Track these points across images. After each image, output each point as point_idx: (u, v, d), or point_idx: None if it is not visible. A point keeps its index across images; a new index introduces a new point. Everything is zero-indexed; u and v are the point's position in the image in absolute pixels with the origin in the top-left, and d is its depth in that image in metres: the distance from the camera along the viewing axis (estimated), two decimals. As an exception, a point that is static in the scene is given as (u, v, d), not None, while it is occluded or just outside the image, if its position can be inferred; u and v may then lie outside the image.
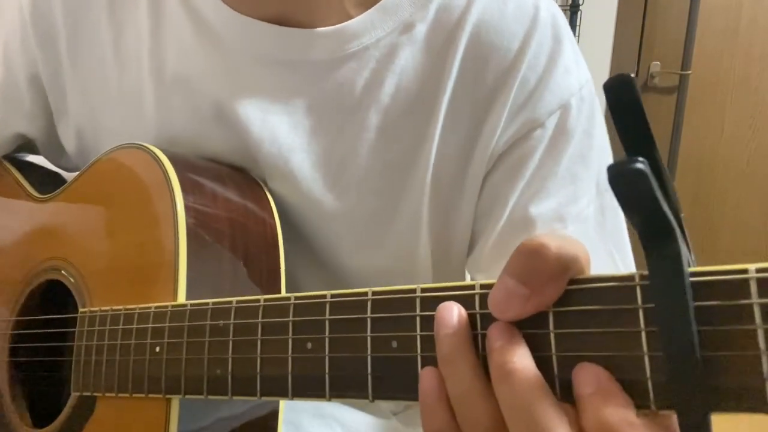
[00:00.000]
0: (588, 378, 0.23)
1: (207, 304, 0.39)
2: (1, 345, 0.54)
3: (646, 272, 0.24)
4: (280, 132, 0.48)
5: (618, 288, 0.24)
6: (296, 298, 0.34)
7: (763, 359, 0.21)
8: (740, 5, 2.17)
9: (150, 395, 0.41)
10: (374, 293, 0.31)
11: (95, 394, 0.44)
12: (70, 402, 0.47)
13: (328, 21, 0.47)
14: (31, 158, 0.65)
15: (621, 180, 0.20)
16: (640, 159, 0.19)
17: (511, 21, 0.47)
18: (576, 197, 0.47)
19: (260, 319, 0.35)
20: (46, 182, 0.60)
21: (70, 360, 0.51)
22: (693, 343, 0.22)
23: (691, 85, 2.22)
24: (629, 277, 0.24)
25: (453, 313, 0.27)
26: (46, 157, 0.62)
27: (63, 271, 0.50)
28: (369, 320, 0.31)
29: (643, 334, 0.24)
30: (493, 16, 0.47)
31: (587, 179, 0.47)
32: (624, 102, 0.21)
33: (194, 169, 0.48)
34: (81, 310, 0.47)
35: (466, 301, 0.28)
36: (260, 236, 0.48)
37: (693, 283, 0.22)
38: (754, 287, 0.21)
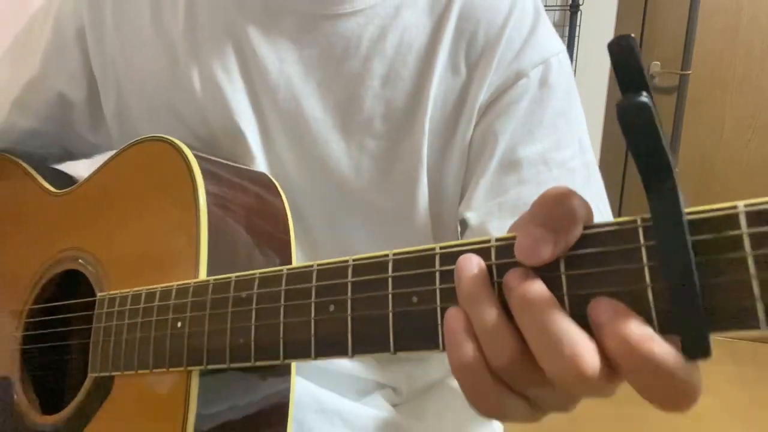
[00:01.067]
0: (605, 307, 0.26)
1: (230, 277, 0.41)
2: (14, 334, 0.55)
3: (646, 216, 0.27)
4: (294, 80, 0.54)
5: (622, 230, 0.27)
6: (318, 264, 0.37)
7: (754, 282, 0.24)
8: (740, 5, 2.21)
9: (171, 369, 0.42)
10: (395, 254, 0.34)
11: (113, 373, 0.46)
12: (86, 384, 0.48)
13: None
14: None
15: (627, 113, 0.23)
16: (645, 93, 0.22)
17: None
18: (560, 146, 0.52)
19: (283, 287, 0.38)
20: (60, 180, 0.62)
21: (79, 346, 0.52)
22: (691, 272, 0.25)
23: (691, 85, 2.26)
24: (632, 221, 0.27)
25: (473, 260, 0.30)
26: (81, 131, 0.64)
27: (80, 260, 0.52)
28: (390, 279, 0.33)
29: (646, 269, 0.26)
30: None
31: (569, 133, 0.53)
32: (625, 61, 0.25)
33: (213, 161, 0.50)
34: (99, 293, 0.48)
35: (482, 254, 0.31)
36: (272, 217, 0.51)
37: (689, 220, 0.25)
38: (743, 220, 0.24)
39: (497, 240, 0.31)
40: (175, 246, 0.46)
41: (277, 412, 0.46)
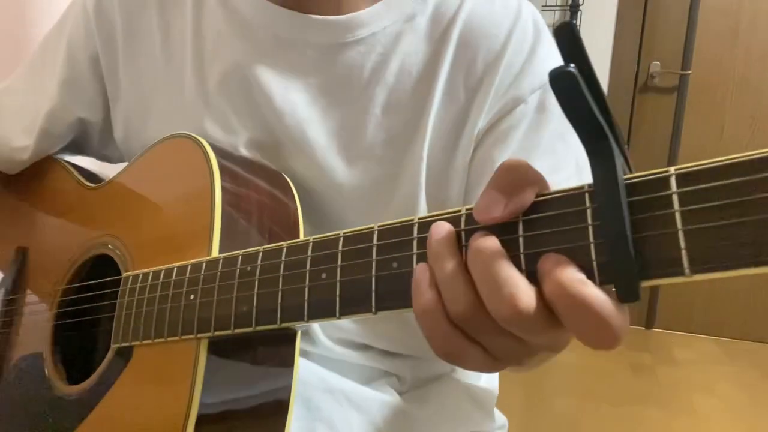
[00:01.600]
0: (549, 260, 0.29)
1: (237, 254, 0.45)
2: (48, 312, 0.61)
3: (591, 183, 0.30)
4: (298, 106, 0.56)
5: (572, 195, 0.31)
6: (314, 238, 0.41)
7: (680, 235, 0.27)
8: (740, 6, 2.21)
9: (183, 337, 0.46)
10: (380, 226, 0.38)
11: (133, 343, 0.50)
12: (109, 354, 0.52)
13: (341, 11, 0.56)
14: (78, 159, 0.73)
15: (557, 79, 0.26)
16: (572, 65, 0.26)
17: (499, 14, 0.56)
18: (557, 167, 0.53)
19: (283, 259, 0.42)
20: (93, 177, 0.68)
21: (107, 322, 0.57)
22: (624, 227, 0.28)
23: (691, 85, 2.25)
24: (580, 187, 0.30)
25: (443, 225, 0.33)
26: (92, 147, 0.70)
27: (110, 245, 0.57)
28: (374, 247, 0.37)
29: (590, 228, 0.29)
30: (483, 9, 0.56)
31: (566, 155, 0.54)
32: (569, 44, 0.28)
33: (231, 158, 0.55)
34: (125, 273, 0.53)
35: (453, 221, 0.34)
36: (284, 218, 0.55)
37: (627, 183, 0.28)
38: (673, 181, 0.28)
39: (467, 209, 0.34)
40: (192, 230, 0.50)
41: (282, 381, 0.49)
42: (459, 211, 0.35)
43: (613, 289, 0.28)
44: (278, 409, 0.49)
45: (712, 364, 2.22)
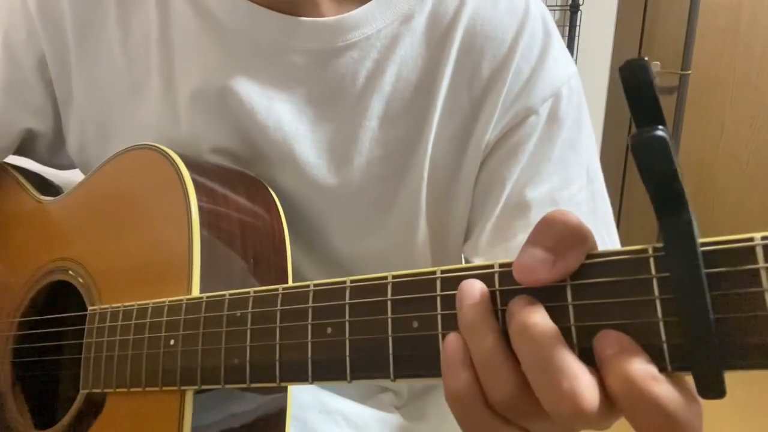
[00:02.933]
0: (611, 341, 0.25)
1: (223, 295, 0.39)
2: (3, 347, 0.54)
3: (657, 245, 0.25)
4: (284, 119, 0.50)
5: (632, 260, 0.26)
6: (315, 285, 0.36)
7: (772, 318, 0.23)
8: (740, 5, 2.20)
9: (164, 388, 0.41)
10: (394, 276, 0.33)
11: (106, 390, 0.45)
12: (78, 400, 0.47)
13: (329, 11, 0.49)
14: (23, 162, 0.64)
15: (643, 147, 0.22)
16: (661, 127, 0.21)
17: (504, 14, 0.49)
18: (568, 182, 0.49)
19: (279, 307, 0.36)
20: (46, 187, 0.60)
21: (72, 359, 0.51)
22: (707, 307, 0.24)
23: (691, 85, 2.25)
24: (643, 250, 0.26)
25: (475, 286, 0.29)
26: (39, 155, 0.62)
27: (70, 271, 0.51)
28: (389, 302, 0.32)
29: (658, 302, 0.25)
30: (487, 9, 0.49)
31: (578, 166, 0.50)
32: (638, 83, 0.23)
33: (206, 171, 0.49)
34: (91, 307, 0.47)
35: (486, 280, 0.30)
36: (269, 237, 0.49)
37: (703, 251, 0.24)
38: (760, 253, 0.23)
39: (501, 266, 0.29)
40: (167, 259, 0.45)
41: (274, 421, 0.45)
42: (491, 266, 0.30)
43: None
44: None
45: None
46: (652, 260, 0.26)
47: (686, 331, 0.24)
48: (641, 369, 0.24)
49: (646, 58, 0.23)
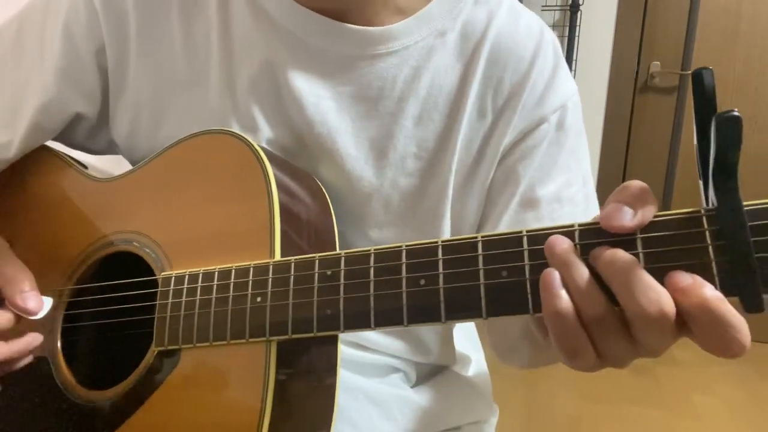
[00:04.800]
0: (683, 276, 0.34)
1: (314, 257, 0.45)
2: (54, 313, 0.57)
3: (705, 207, 0.34)
4: (329, 115, 0.56)
5: (688, 218, 0.35)
6: (407, 245, 0.42)
7: (796, 256, 0.32)
8: (740, 5, 2.22)
9: (252, 339, 0.46)
10: (483, 236, 0.40)
11: (184, 346, 0.49)
12: (148, 358, 0.50)
13: (373, 22, 0.56)
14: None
15: (727, 120, 0.31)
16: (735, 110, 0.30)
17: (524, 36, 0.59)
18: (569, 184, 0.58)
19: (372, 264, 0.43)
20: (84, 168, 0.63)
21: (123, 324, 0.55)
22: (749, 247, 0.32)
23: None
24: (697, 210, 0.35)
25: (563, 238, 0.37)
26: (77, 138, 0.65)
27: (135, 243, 0.55)
28: (481, 257, 0.40)
29: (710, 248, 0.34)
30: (509, 31, 0.58)
31: (577, 170, 0.59)
32: (705, 93, 0.33)
33: (277, 160, 0.54)
34: (163, 273, 0.51)
35: (568, 236, 0.37)
36: (321, 219, 0.55)
37: (747, 211, 0.33)
38: (789, 210, 0.33)
39: (580, 225, 0.38)
40: (246, 230, 0.50)
41: (330, 375, 0.50)
42: (572, 226, 0.38)
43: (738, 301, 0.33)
44: (328, 405, 0.50)
45: (712, 364, 2.20)
46: (704, 218, 0.35)
47: (736, 265, 0.33)
48: (712, 292, 0.32)
49: (710, 68, 0.32)
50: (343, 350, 0.62)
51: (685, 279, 0.33)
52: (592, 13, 2.23)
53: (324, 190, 0.57)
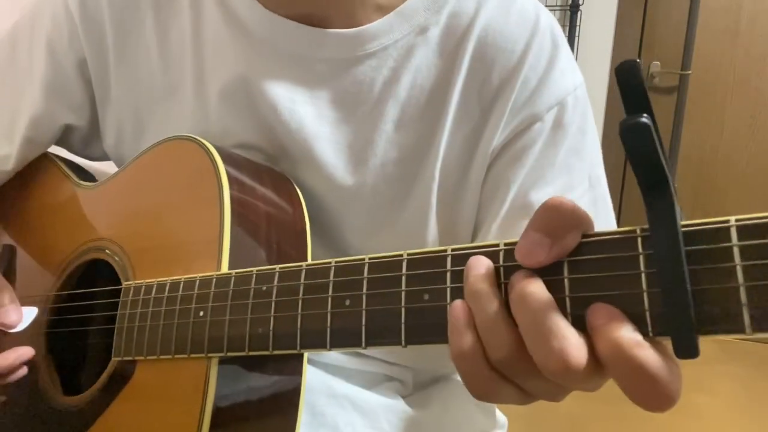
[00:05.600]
0: (601, 312, 0.28)
1: (251, 271, 0.43)
2: (39, 318, 0.58)
3: (645, 226, 0.29)
4: (306, 121, 0.53)
5: (622, 239, 0.29)
6: (336, 261, 0.39)
7: (741, 291, 0.26)
8: (740, 5, 2.21)
9: (192, 355, 0.45)
10: (409, 254, 0.36)
11: (137, 358, 0.48)
12: (110, 367, 0.50)
13: (351, 23, 0.53)
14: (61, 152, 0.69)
15: (630, 130, 0.25)
16: (645, 115, 0.25)
17: (515, 26, 0.53)
18: (571, 186, 0.52)
19: (302, 281, 0.40)
20: (83, 173, 0.65)
21: (100, 332, 0.55)
22: (684, 279, 0.27)
23: (691, 85, 2.25)
24: (631, 231, 0.29)
25: (482, 261, 0.32)
26: (74, 147, 0.66)
27: (107, 251, 0.55)
28: (404, 277, 0.36)
29: (643, 276, 0.28)
30: (498, 22, 0.53)
31: (581, 171, 0.53)
32: (631, 83, 0.27)
33: (237, 162, 0.52)
34: (125, 282, 0.51)
35: (491, 257, 0.33)
36: (291, 228, 0.52)
37: (684, 231, 0.27)
38: (734, 233, 0.26)
39: (506, 244, 0.33)
40: (199, 240, 0.48)
41: (290, 396, 0.48)
42: (497, 245, 0.33)
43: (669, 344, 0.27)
44: (287, 418, 0.48)
45: (712, 364, 2.22)
46: (639, 239, 0.29)
47: (666, 300, 0.27)
48: (628, 336, 0.27)
49: (638, 60, 0.27)
50: (335, 358, 0.60)
51: (600, 316, 0.28)
52: (592, 13, 2.21)
53: (300, 196, 0.55)
